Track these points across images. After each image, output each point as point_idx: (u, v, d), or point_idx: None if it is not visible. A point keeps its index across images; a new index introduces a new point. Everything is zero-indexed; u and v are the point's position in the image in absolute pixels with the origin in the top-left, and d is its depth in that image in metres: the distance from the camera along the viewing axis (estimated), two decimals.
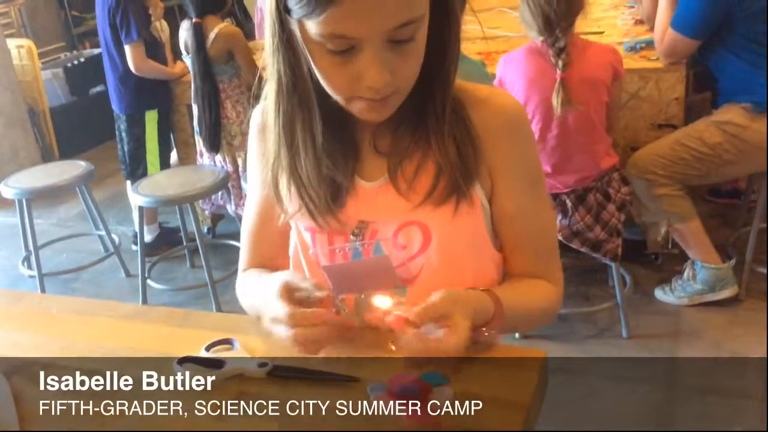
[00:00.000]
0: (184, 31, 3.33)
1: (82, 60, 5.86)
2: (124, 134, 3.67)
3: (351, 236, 1.01)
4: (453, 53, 0.93)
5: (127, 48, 3.43)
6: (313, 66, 0.89)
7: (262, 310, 0.97)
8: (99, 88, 5.72)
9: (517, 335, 2.67)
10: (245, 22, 4.80)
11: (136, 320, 1.15)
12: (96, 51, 5.83)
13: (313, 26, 0.82)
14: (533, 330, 1.12)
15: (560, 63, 2.37)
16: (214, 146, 3.41)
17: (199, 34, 3.24)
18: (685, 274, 2.81)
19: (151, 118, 3.62)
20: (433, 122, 0.95)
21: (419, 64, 0.89)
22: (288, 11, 0.85)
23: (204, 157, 3.54)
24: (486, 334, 0.92)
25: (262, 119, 1.04)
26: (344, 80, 0.87)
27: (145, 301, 3.27)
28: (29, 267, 3.63)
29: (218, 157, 3.48)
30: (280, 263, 1.11)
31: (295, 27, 0.86)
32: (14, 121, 4.93)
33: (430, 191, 0.96)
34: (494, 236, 1.06)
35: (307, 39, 0.85)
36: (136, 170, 3.64)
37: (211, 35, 3.26)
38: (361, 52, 0.83)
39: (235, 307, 3.34)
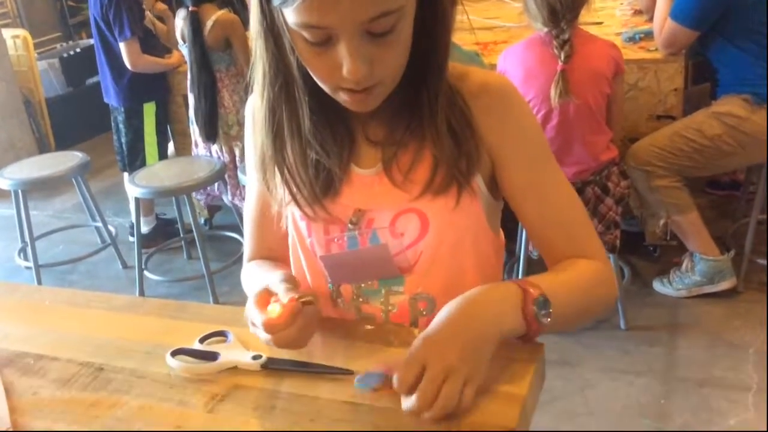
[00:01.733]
0: (181, 20, 3.31)
1: (78, 50, 5.84)
2: (121, 126, 3.65)
3: (349, 225, 0.99)
4: (443, 43, 0.91)
5: (121, 45, 3.41)
6: (299, 55, 0.87)
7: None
8: (95, 79, 5.68)
9: None
10: (242, 11, 4.77)
11: (129, 312, 1.14)
12: (92, 41, 5.79)
13: (289, 15, 0.81)
14: (594, 313, 1.03)
15: (563, 54, 2.36)
16: (210, 136, 3.39)
17: (195, 22, 3.22)
18: (684, 265, 2.80)
19: (149, 110, 3.62)
20: (426, 113, 0.93)
21: (404, 55, 0.87)
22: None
23: (199, 147, 3.52)
24: (531, 305, 0.85)
25: (255, 106, 1.03)
26: (325, 70, 0.86)
27: (141, 293, 3.26)
28: (25, 258, 3.62)
29: (214, 147, 3.46)
30: (283, 252, 1.11)
31: (277, 13, 0.85)
32: (10, 111, 4.91)
33: (428, 183, 0.95)
34: (494, 221, 1.04)
35: (288, 26, 0.84)
36: (134, 162, 3.63)
37: (209, 23, 3.24)
38: (339, 43, 0.82)
39: (232, 299, 3.36)
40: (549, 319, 0.86)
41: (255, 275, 1.08)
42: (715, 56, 2.72)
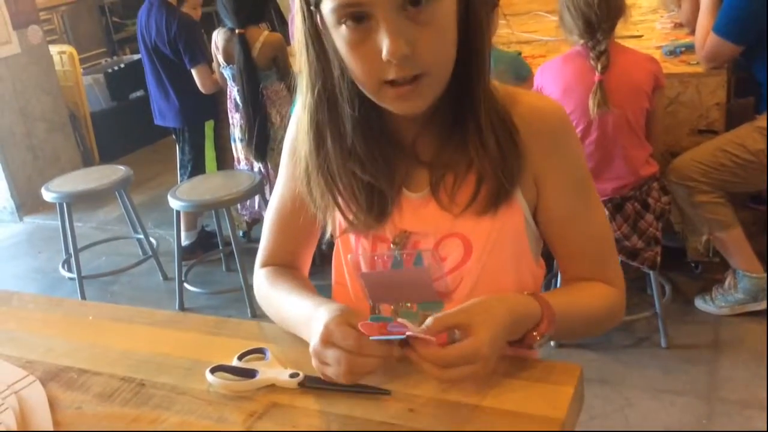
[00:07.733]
0: (224, 42, 3.35)
1: (122, 65, 5.96)
2: (185, 145, 3.79)
3: (392, 245, 1.00)
4: (481, 49, 0.91)
5: (194, 71, 3.52)
6: (342, 56, 0.88)
7: (303, 329, 0.97)
8: (138, 93, 5.81)
9: (552, 342, 2.64)
10: (281, 27, 4.83)
11: (170, 327, 1.16)
12: (136, 57, 5.92)
13: (327, 2, 0.83)
14: (593, 335, 1.10)
15: (599, 66, 2.34)
16: (263, 156, 3.42)
17: (245, 44, 3.26)
18: (726, 283, 2.75)
19: (209, 127, 3.77)
20: (471, 125, 0.93)
21: (446, 45, 0.87)
22: (309, 2, 0.85)
23: (241, 164, 3.56)
24: (537, 337, 0.90)
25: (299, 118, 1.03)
26: (367, 63, 0.86)
27: (181, 304, 3.31)
28: (69, 270, 3.70)
29: (257, 164, 3.49)
30: (301, 259, 1.12)
31: (319, 20, 0.87)
32: (56, 125, 5.03)
33: (470, 201, 0.95)
34: (536, 250, 1.04)
35: (329, 27, 0.86)
36: (197, 175, 3.72)
37: (257, 44, 3.28)
38: (377, 25, 0.83)
39: None
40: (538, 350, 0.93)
41: (287, 294, 1.04)
42: (759, 70, 2.67)
